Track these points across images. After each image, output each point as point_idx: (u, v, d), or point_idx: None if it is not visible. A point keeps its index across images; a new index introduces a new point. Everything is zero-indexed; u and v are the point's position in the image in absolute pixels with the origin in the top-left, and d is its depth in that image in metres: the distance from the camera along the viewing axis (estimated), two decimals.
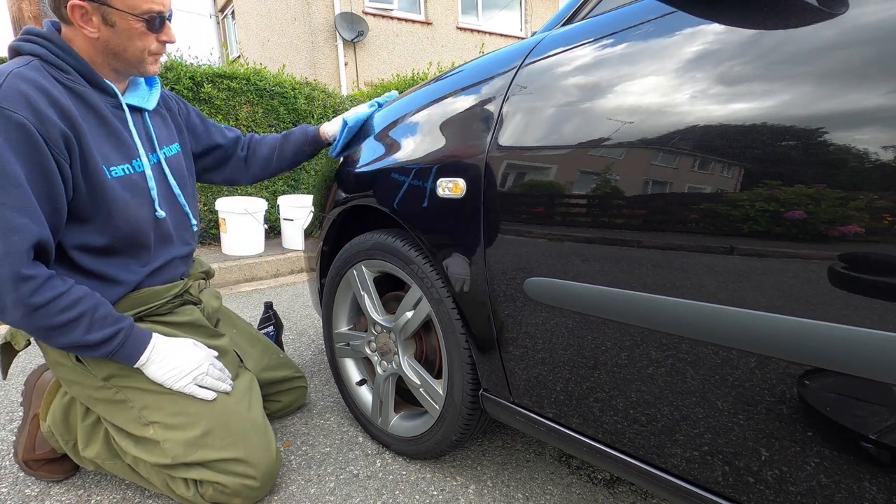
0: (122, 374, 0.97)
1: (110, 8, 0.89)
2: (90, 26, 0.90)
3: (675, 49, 0.60)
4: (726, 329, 0.54)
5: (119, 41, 0.93)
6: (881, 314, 0.44)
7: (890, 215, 0.43)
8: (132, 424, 0.97)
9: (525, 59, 0.81)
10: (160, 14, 0.93)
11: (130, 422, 0.97)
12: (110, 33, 0.91)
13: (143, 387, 0.97)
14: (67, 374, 0.99)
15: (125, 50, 0.94)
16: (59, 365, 0.99)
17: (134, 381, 0.97)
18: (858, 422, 0.48)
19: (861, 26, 0.46)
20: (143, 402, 0.97)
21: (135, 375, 0.97)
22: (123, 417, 0.98)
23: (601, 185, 0.65)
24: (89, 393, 0.99)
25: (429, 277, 0.97)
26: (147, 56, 0.97)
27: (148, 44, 0.95)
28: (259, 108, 3.98)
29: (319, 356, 1.84)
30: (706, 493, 0.62)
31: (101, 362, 0.96)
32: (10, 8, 3.14)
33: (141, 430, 0.96)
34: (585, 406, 0.75)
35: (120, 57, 0.95)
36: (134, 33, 0.92)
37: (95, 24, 0.90)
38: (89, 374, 0.97)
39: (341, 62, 7.52)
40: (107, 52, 0.94)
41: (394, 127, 1.10)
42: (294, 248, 3.72)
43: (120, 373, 0.97)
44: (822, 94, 0.47)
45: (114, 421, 0.99)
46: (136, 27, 0.92)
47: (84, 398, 1.01)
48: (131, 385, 0.97)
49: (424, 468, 1.14)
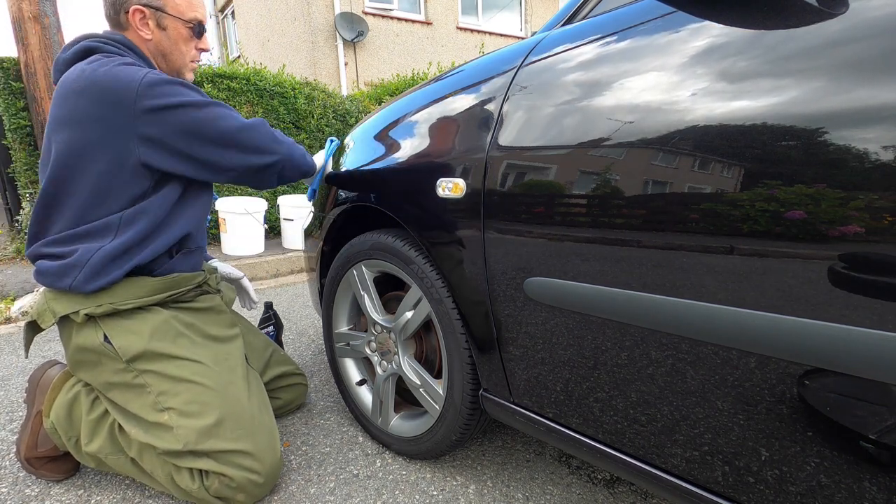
0: (146, 358, 0.99)
1: (164, 14, 1.06)
2: (146, 29, 1.06)
3: (675, 49, 0.60)
4: (726, 329, 0.54)
5: (168, 44, 1.09)
6: (881, 314, 0.44)
7: (890, 215, 0.43)
8: (147, 409, 0.99)
9: (525, 59, 0.81)
10: (202, 23, 1.11)
11: (146, 407, 0.99)
12: (162, 36, 1.08)
13: (163, 372, 1.00)
14: (89, 357, 1.01)
15: (171, 52, 1.10)
16: (83, 349, 1.01)
17: (156, 366, 1.00)
18: (858, 422, 0.48)
19: (861, 26, 0.46)
20: (161, 387, 0.99)
21: (158, 360, 1.00)
22: (139, 402, 1.00)
23: (601, 185, 0.65)
24: (107, 377, 1.01)
25: (429, 277, 0.97)
26: (188, 62, 1.13)
27: (189, 49, 1.12)
28: (259, 108, 3.98)
29: (319, 356, 1.84)
30: (706, 493, 0.62)
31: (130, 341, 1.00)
32: (10, 8, 3.14)
33: (156, 416, 0.98)
34: (585, 406, 0.75)
35: (167, 59, 1.11)
36: (181, 38, 1.09)
37: (151, 27, 1.06)
38: (113, 357, 0.99)
39: (341, 62, 7.52)
40: (157, 53, 1.09)
41: (394, 127, 1.10)
42: (294, 248, 3.72)
43: (145, 356, 0.99)
44: (823, 94, 0.47)
45: (128, 406, 1.01)
46: (184, 32, 1.09)
47: (100, 383, 1.03)
48: (152, 369, 1.00)
49: (424, 468, 1.14)
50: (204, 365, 1.03)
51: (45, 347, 1.97)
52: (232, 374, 1.06)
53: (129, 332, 1.00)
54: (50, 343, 2.02)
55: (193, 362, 1.02)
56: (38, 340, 2.04)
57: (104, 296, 0.99)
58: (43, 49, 3.15)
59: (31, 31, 3.12)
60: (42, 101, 3.17)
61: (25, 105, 3.27)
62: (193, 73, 1.17)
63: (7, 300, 2.59)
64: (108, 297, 0.99)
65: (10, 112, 3.25)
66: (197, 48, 1.13)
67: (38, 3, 3.12)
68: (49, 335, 2.11)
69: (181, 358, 1.02)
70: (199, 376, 1.01)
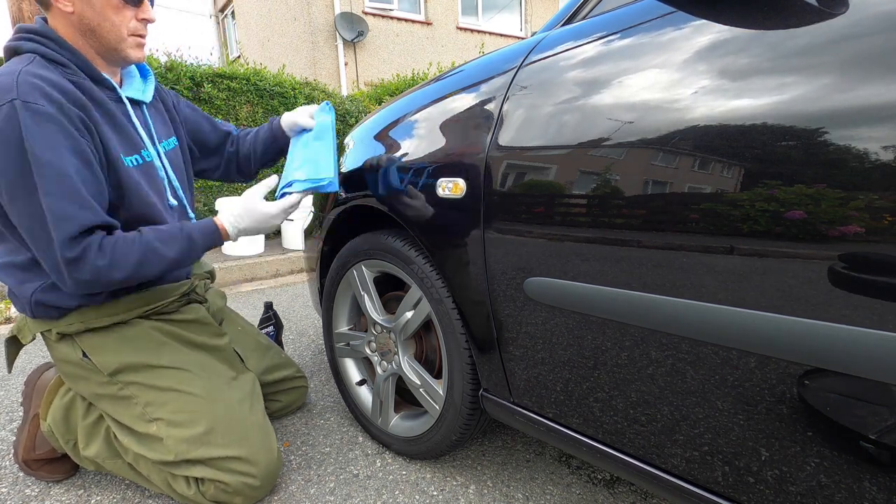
0: (128, 370, 0.98)
1: None
2: (65, 0, 0.88)
3: (675, 49, 0.60)
4: (726, 329, 0.54)
5: (93, 14, 0.90)
6: (881, 314, 0.44)
7: (890, 215, 0.43)
8: (136, 420, 0.97)
9: (525, 59, 0.81)
10: None
11: (134, 418, 0.98)
12: (83, 6, 0.89)
13: (148, 383, 0.98)
14: (73, 370, 0.99)
15: (100, 26, 0.91)
16: (65, 362, 0.99)
17: (140, 378, 0.98)
18: (858, 422, 0.48)
19: (861, 26, 0.46)
20: (147, 398, 0.97)
21: (141, 371, 0.98)
22: (128, 414, 0.98)
23: (601, 185, 0.65)
24: (94, 389, 1.00)
25: (429, 277, 0.97)
26: (126, 36, 0.93)
27: (124, 19, 0.91)
28: (259, 108, 3.98)
29: (319, 356, 1.84)
30: (706, 493, 0.62)
31: (108, 358, 0.96)
32: (10, 8, 3.14)
33: (144, 427, 0.97)
34: (585, 406, 0.75)
35: (97, 34, 0.91)
36: (107, 6, 0.89)
37: None
38: (95, 371, 0.98)
39: (341, 62, 7.52)
40: (84, 30, 0.91)
41: (394, 127, 1.10)
42: (294, 248, 3.72)
43: (126, 369, 0.98)
44: (823, 94, 0.47)
45: (117, 417, 0.99)
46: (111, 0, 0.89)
47: (88, 394, 1.01)
48: (137, 381, 0.98)
49: (424, 468, 1.14)
50: (190, 372, 1.01)
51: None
52: (220, 379, 1.05)
53: (107, 347, 0.97)
54: None
55: (179, 370, 1.00)
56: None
57: (73, 316, 0.95)
58: None
59: None
60: None
61: None
62: (143, 51, 0.97)
63: (7, 300, 2.59)
64: (78, 316, 0.95)
65: None
66: (138, 18, 0.93)
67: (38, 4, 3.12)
68: None
69: (165, 367, 0.99)
70: (186, 384, 0.99)
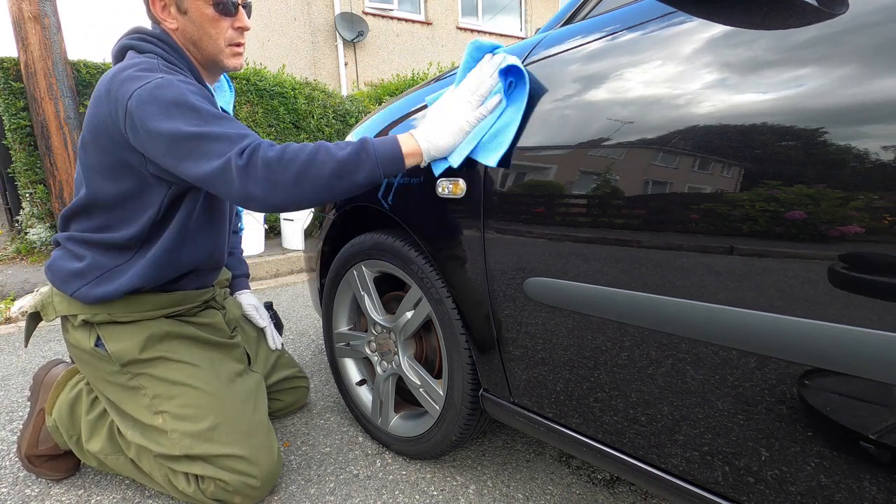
0: (141, 361, 0.99)
1: None
2: (170, 18, 0.94)
3: (675, 49, 0.60)
4: (726, 329, 0.54)
5: (194, 29, 0.95)
6: (881, 314, 0.44)
7: (890, 215, 0.43)
8: (142, 411, 0.98)
9: (525, 59, 0.81)
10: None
11: (141, 409, 0.98)
12: (186, 22, 0.94)
13: (159, 375, 0.99)
14: (85, 356, 1.00)
15: (201, 39, 0.96)
16: (77, 348, 1.00)
17: (151, 369, 0.99)
18: (858, 422, 0.48)
19: (861, 26, 0.46)
20: (157, 390, 0.99)
21: (153, 364, 0.99)
22: (134, 404, 0.99)
23: (601, 185, 0.65)
24: (103, 376, 1.01)
25: (429, 277, 0.97)
26: (224, 46, 0.97)
27: (221, 31, 0.96)
28: (259, 108, 3.98)
29: (319, 356, 1.84)
30: (706, 493, 0.62)
31: (123, 347, 0.97)
32: (10, 8, 3.14)
33: (150, 419, 0.97)
34: (585, 406, 0.75)
35: (199, 47, 0.97)
36: (205, 19, 0.94)
37: (173, 14, 0.94)
38: (107, 360, 0.99)
39: (341, 62, 7.52)
40: (188, 43, 0.97)
41: (394, 127, 1.10)
42: (294, 248, 3.72)
43: (139, 360, 0.99)
44: (823, 94, 0.47)
45: (123, 406, 1.00)
46: (207, 12, 0.94)
47: (97, 380, 1.02)
48: (147, 372, 0.99)
49: (424, 468, 1.14)
50: (200, 368, 1.02)
51: (44, 348, 1.97)
52: (229, 377, 1.06)
53: (124, 338, 0.99)
54: (50, 343, 2.02)
55: (190, 365, 1.02)
56: (38, 341, 2.04)
57: (103, 307, 0.98)
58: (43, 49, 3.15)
59: (32, 32, 3.12)
60: (42, 102, 3.17)
61: (25, 105, 3.26)
62: (241, 60, 1.00)
63: (7, 300, 2.59)
64: (107, 308, 0.98)
65: (10, 112, 3.25)
66: (234, 28, 0.97)
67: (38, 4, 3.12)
68: (50, 335, 2.11)
69: (177, 361, 1.01)
70: (195, 380, 1.00)
